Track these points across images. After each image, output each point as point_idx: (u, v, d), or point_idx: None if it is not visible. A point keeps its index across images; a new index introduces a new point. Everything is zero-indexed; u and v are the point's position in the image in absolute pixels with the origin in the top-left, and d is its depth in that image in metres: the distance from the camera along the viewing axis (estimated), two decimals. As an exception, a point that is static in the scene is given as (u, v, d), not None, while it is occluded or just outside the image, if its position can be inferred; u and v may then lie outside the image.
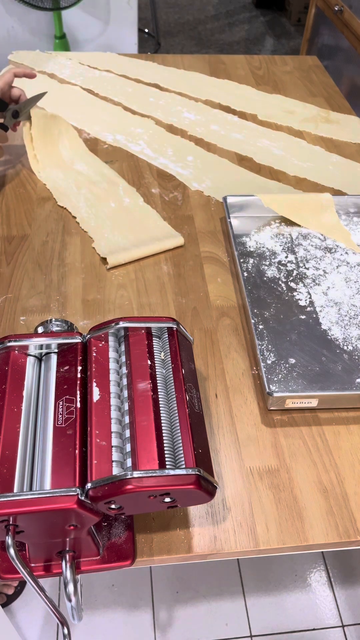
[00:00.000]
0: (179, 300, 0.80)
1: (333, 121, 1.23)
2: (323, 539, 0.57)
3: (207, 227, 0.93)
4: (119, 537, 0.55)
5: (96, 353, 0.53)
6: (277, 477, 0.61)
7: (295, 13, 3.61)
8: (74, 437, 0.47)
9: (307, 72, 1.42)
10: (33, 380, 0.53)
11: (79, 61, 1.36)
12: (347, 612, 1.21)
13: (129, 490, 0.42)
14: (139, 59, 1.40)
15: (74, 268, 0.84)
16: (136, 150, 1.09)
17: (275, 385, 0.69)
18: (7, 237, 0.89)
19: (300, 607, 1.21)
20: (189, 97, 1.27)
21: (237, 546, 0.56)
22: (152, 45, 3.27)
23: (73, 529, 0.46)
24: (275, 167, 1.08)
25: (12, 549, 0.43)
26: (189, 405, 0.50)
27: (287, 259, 0.87)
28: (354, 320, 0.78)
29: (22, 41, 2.26)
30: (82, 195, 0.96)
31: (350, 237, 0.92)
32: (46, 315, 0.77)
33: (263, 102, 1.27)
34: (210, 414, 0.67)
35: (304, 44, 2.09)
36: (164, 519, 0.57)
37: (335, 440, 0.65)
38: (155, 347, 0.54)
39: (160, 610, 1.18)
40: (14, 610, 1.16)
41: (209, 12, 3.77)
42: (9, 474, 0.45)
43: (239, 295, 0.82)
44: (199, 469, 0.44)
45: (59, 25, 2.12)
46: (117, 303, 0.79)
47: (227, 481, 0.61)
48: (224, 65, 1.41)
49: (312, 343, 0.74)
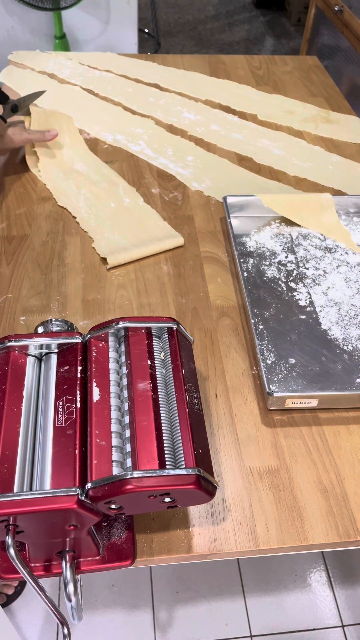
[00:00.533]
0: (179, 300, 0.80)
1: (333, 121, 1.23)
2: (323, 539, 0.57)
3: (207, 227, 0.93)
4: (119, 537, 0.55)
5: (96, 353, 0.53)
6: (277, 477, 0.61)
7: (295, 13, 3.61)
8: (74, 437, 0.47)
9: (307, 72, 1.42)
10: (33, 380, 0.53)
11: (79, 61, 1.36)
12: (347, 612, 1.21)
13: (129, 490, 0.42)
14: (139, 59, 1.40)
15: (74, 268, 0.84)
16: (136, 150, 1.09)
17: (275, 385, 0.69)
18: (7, 237, 0.89)
19: (300, 607, 1.21)
20: (189, 97, 1.27)
21: (237, 546, 0.56)
22: (152, 45, 3.27)
23: (73, 529, 0.46)
24: (275, 167, 1.08)
25: (12, 549, 0.43)
26: (189, 405, 0.50)
27: (287, 259, 0.87)
28: (354, 320, 0.78)
29: (22, 41, 2.26)
30: (82, 195, 0.96)
31: (350, 237, 0.92)
32: (46, 315, 0.77)
33: (263, 102, 1.27)
34: (210, 414, 0.67)
35: (304, 44, 2.09)
36: (164, 519, 0.57)
37: (335, 440, 0.65)
38: (155, 347, 0.55)
39: (160, 610, 1.18)
40: (14, 610, 1.16)
41: (209, 12, 3.77)
42: (9, 474, 0.45)
43: (239, 295, 0.82)
44: (199, 469, 0.44)
45: (59, 25, 2.12)
46: (117, 303, 0.79)
47: (227, 481, 0.61)
48: (224, 65, 1.41)
49: (312, 343, 0.74)
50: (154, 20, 3.26)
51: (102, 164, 1.04)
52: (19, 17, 2.18)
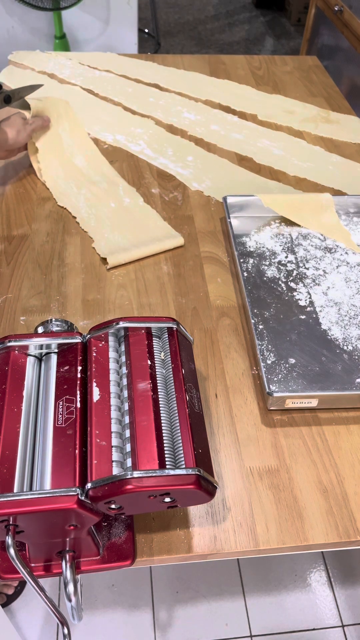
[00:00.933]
0: (179, 300, 0.80)
1: (333, 121, 1.23)
2: (323, 539, 0.57)
3: (207, 227, 0.93)
4: (119, 537, 0.55)
5: (96, 353, 0.53)
6: (277, 477, 0.61)
7: (295, 13, 3.61)
8: (74, 437, 0.47)
9: (307, 72, 1.42)
10: (33, 380, 0.53)
11: (79, 61, 1.36)
12: (347, 612, 1.21)
13: (129, 490, 0.42)
14: (139, 59, 1.40)
15: (74, 268, 0.84)
16: (136, 150, 1.09)
17: (275, 385, 0.69)
18: (7, 237, 0.89)
19: (300, 607, 1.21)
20: (189, 97, 1.27)
21: (237, 546, 0.56)
22: (152, 45, 3.27)
23: (73, 529, 0.46)
24: (275, 167, 1.08)
25: (12, 549, 0.43)
26: (189, 405, 0.50)
27: (287, 259, 0.87)
28: (354, 320, 0.78)
29: (22, 41, 2.26)
30: (82, 195, 0.96)
31: (350, 237, 0.92)
32: (46, 315, 0.77)
33: (263, 102, 1.27)
34: (210, 414, 0.67)
35: (304, 44, 2.09)
36: (164, 519, 0.57)
37: (335, 440, 0.65)
38: (155, 347, 0.55)
39: (160, 610, 1.18)
40: (14, 610, 1.16)
41: (209, 12, 3.77)
42: (9, 474, 0.45)
43: (239, 295, 0.82)
44: (199, 469, 0.44)
45: (59, 25, 2.12)
46: (117, 303, 0.79)
47: (227, 481, 0.61)
48: (224, 65, 1.41)
49: (312, 343, 0.74)
50: (154, 20, 3.26)
51: (102, 157, 1.04)
52: (19, 17, 2.18)
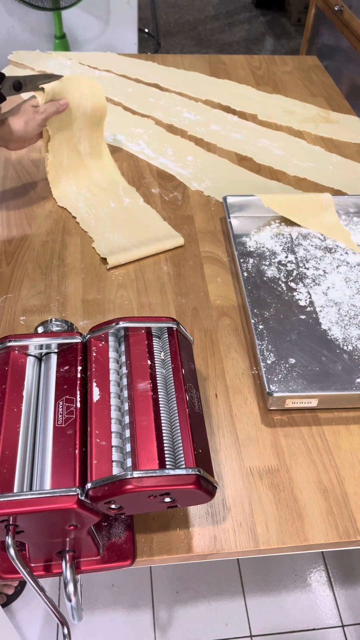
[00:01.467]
0: (179, 300, 0.80)
1: (333, 121, 1.23)
2: (323, 539, 0.57)
3: (207, 227, 0.93)
4: (119, 537, 0.55)
5: (96, 353, 0.53)
6: (277, 477, 0.61)
7: (295, 13, 3.60)
8: (74, 437, 0.47)
9: (307, 72, 1.42)
10: (33, 380, 0.53)
11: (79, 61, 1.36)
12: (347, 612, 1.21)
13: (129, 490, 0.42)
14: (139, 59, 1.40)
15: (74, 268, 0.84)
16: (136, 150, 1.09)
17: (275, 385, 0.69)
18: (7, 237, 0.89)
19: (300, 607, 1.21)
20: (189, 97, 1.27)
21: (237, 546, 0.56)
22: (152, 45, 3.27)
23: (73, 529, 0.46)
24: (275, 167, 1.08)
25: (12, 549, 0.43)
26: (189, 405, 0.50)
27: (287, 259, 0.87)
28: (354, 320, 0.78)
29: (22, 41, 2.26)
30: (82, 195, 0.96)
31: (350, 237, 0.92)
32: (46, 315, 0.77)
33: (263, 102, 1.27)
34: (210, 414, 0.67)
35: (304, 44, 2.09)
36: (164, 519, 0.57)
37: (335, 440, 0.65)
38: (155, 347, 0.54)
39: (160, 610, 1.18)
40: (14, 610, 1.16)
41: (209, 12, 3.76)
42: (9, 474, 0.45)
43: (239, 295, 0.82)
44: (199, 469, 0.44)
45: (59, 25, 2.12)
46: (117, 303, 0.79)
47: (227, 481, 0.61)
48: (224, 65, 1.41)
49: (312, 343, 0.74)
50: (154, 20, 3.26)
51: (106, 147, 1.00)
52: (19, 17, 2.18)
